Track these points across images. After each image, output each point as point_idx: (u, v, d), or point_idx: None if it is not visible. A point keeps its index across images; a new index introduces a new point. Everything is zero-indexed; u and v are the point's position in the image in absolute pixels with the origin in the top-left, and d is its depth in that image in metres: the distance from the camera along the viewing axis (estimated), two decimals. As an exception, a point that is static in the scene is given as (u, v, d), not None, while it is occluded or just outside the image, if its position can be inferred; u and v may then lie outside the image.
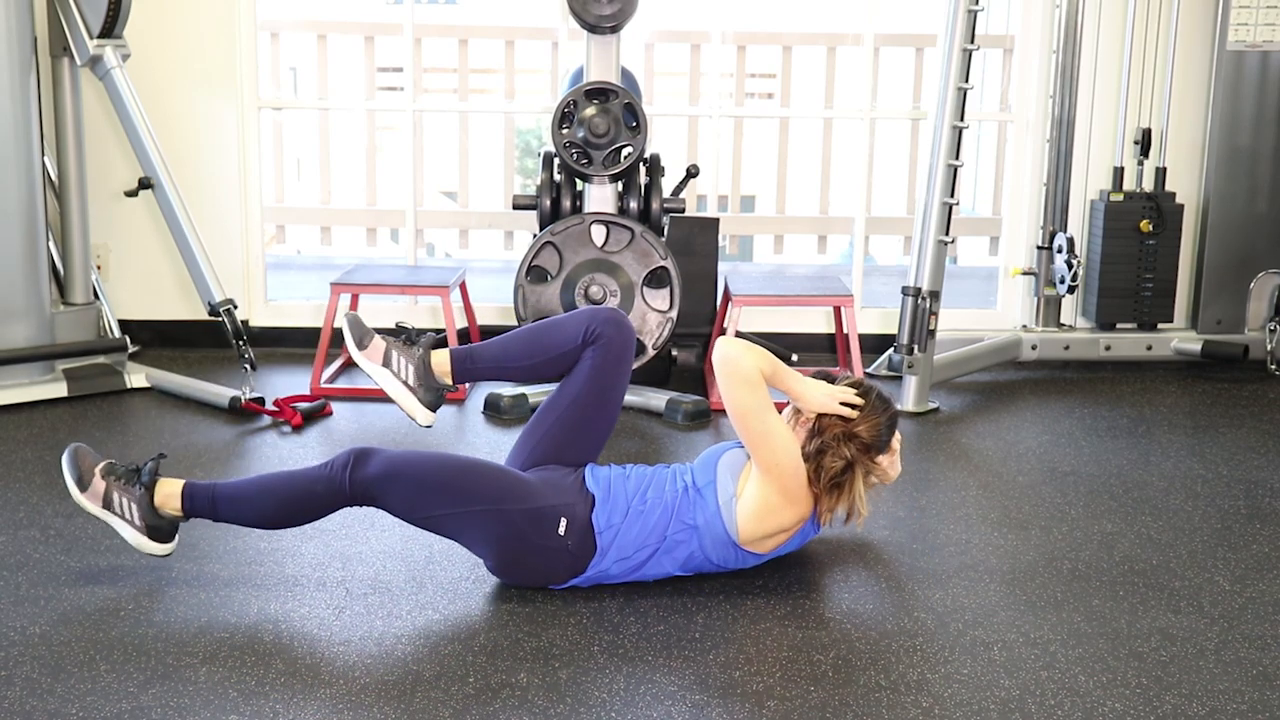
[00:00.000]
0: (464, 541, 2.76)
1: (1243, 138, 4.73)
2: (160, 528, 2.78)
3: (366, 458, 2.69)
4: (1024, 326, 4.87)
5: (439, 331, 3.14)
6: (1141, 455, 3.84)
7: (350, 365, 4.60)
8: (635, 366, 4.17)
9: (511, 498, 2.70)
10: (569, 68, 4.74)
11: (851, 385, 2.82)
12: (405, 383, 2.91)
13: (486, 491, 2.70)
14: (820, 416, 2.78)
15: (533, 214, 4.40)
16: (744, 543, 2.75)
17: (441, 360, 2.93)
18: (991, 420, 4.20)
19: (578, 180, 4.27)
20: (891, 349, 4.29)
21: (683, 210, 4.28)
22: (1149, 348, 4.77)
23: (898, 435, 2.87)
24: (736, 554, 2.77)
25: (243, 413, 4.02)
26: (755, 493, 2.73)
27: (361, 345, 2.94)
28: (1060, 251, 4.66)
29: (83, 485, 2.77)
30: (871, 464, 2.80)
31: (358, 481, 2.68)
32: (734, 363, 2.70)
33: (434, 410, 2.92)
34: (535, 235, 4.24)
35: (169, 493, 2.77)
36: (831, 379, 2.86)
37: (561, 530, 2.70)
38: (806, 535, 2.86)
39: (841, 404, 2.77)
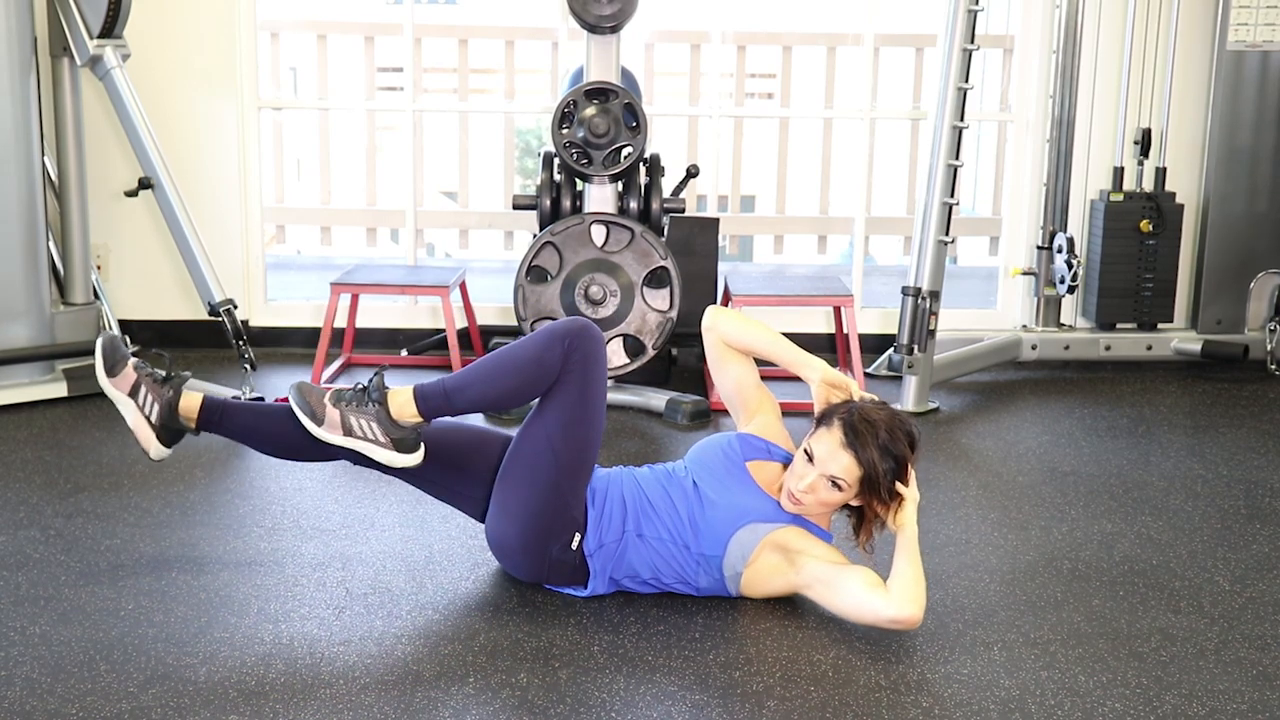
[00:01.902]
0: (512, 484, 2.71)
1: (1243, 138, 4.73)
2: (405, 439, 2.71)
3: (599, 336, 2.68)
4: (1024, 326, 4.87)
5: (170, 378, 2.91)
6: (1141, 455, 3.84)
7: (351, 365, 4.61)
8: (635, 367, 4.18)
9: (575, 496, 2.69)
10: (569, 68, 4.74)
11: (910, 449, 2.65)
12: (148, 419, 2.80)
13: (580, 479, 2.68)
14: (863, 506, 2.68)
15: (533, 214, 4.40)
16: (746, 597, 2.75)
17: (190, 405, 2.80)
18: (991, 420, 4.20)
19: (578, 180, 4.27)
20: (891, 349, 4.29)
21: (683, 210, 4.28)
22: (1149, 348, 4.77)
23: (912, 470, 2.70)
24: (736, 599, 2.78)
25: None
26: (777, 585, 2.69)
27: (111, 372, 2.84)
28: (1060, 251, 4.66)
29: (318, 420, 2.69)
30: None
31: (581, 349, 2.65)
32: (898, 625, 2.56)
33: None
34: (535, 235, 4.24)
35: (402, 401, 2.70)
36: (897, 459, 2.64)
37: (574, 545, 2.70)
38: None
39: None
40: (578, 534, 2.69)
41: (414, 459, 2.73)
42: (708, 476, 2.76)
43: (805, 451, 2.67)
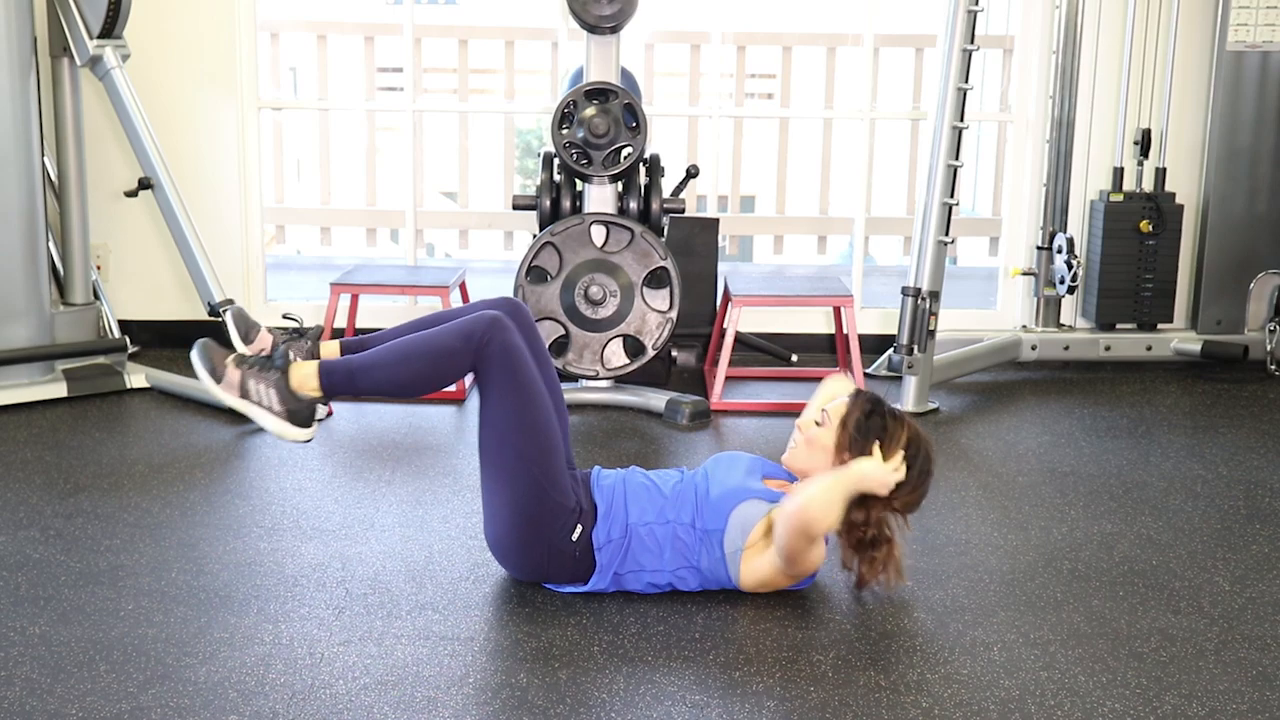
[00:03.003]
0: (493, 489, 2.71)
1: (1243, 138, 4.73)
2: (299, 411, 2.70)
3: (511, 325, 2.65)
4: (1024, 327, 4.87)
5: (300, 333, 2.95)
6: (1141, 455, 3.84)
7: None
8: (635, 367, 4.18)
9: (557, 484, 2.68)
10: (569, 68, 4.74)
11: (903, 449, 2.70)
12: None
13: (550, 461, 2.67)
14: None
15: (533, 214, 4.40)
16: (744, 588, 2.75)
17: (307, 375, 2.74)
18: (991, 420, 4.20)
19: (578, 180, 4.27)
20: (891, 349, 4.29)
21: (683, 210, 4.28)
22: (1149, 348, 4.77)
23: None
24: (736, 588, 2.77)
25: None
26: (765, 570, 2.69)
27: (216, 378, 2.76)
28: (1060, 252, 4.66)
29: (217, 377, 2.69)
30: (905, 524, 2.77)
31: (498, 342, 2.62)
32: (812, 525, 2.56)
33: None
34: (535, 235, 4.24)
35: (306, 373, 2.70)
36: (882, 424, 2.71)
37: (574, 537, 2.69)
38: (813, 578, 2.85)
39: (894, 473, 2.69)
40: (579, 525, 2.69)
41: (304, 434, 2.72)
42: (721, 471, 2.80)
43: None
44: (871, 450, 2.69)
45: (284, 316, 2.98)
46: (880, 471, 2.67)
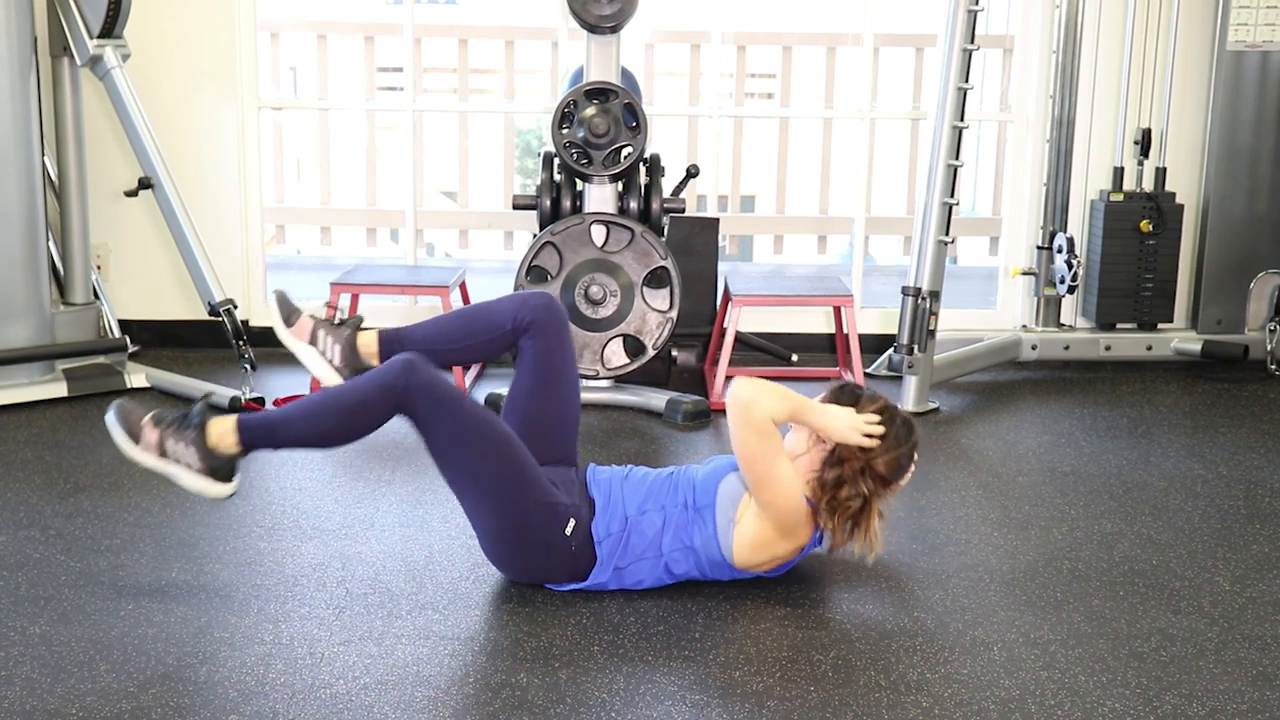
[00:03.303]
0: (471, 507, 2.72)
1: (1243, 138, 4.73)
2: (219, 467, 2.70)
3: (425, 364, 2.66)
4: (1024, 326, 4.87)
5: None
6: (1141, 455, 3.84)
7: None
8: (635, 367, 4.18)
9: (532, 482, 2.67)
10: (569, 68, 4.74)
11: (877, 410, 2.72)
12: (330, 362, 2.86)
13: (515, 465, 2.66)
14: (840, 445, 2.69)
15: (533, 214, 4.40)
16: (739, 566, 2.74)
17: (368, 341, 2.87)
18: (991, 420, 4.20)
19: (578, 180, 4.27)
20: (891, 349, 4.29)
21: (683, 210, 4.27)
22: (1149, 348, 4.76)
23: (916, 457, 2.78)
24: (732, 573, 2.77)
25: (243, 413, 4.01)
26: (752, 525, 2.69)
27: (289, 323, 2.88)
28: (1060, 251, 4.66)
29: (135, 438, 2.69)
30: (887, 493, 2.75)
31: (415, 385, 2.61)
32: (747, 408, 2.61)
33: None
34: (535, 235, 4.24)
35: (223, 430, 2.70)
36: (857, 396, 2.75)
37: (568, 531, 2.70)
38: (805, 552, 2.85)
39: (865, 435, 2.68)
40: (572, 519, 2.70)
41: (225, 489, 2.74)
42: (713, 462, 2.85)
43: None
44: (852, 409, 2.72)
45: (326, 305, 2.98)
46: (847, 415, 2.68)
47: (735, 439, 2.63)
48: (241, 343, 4.11)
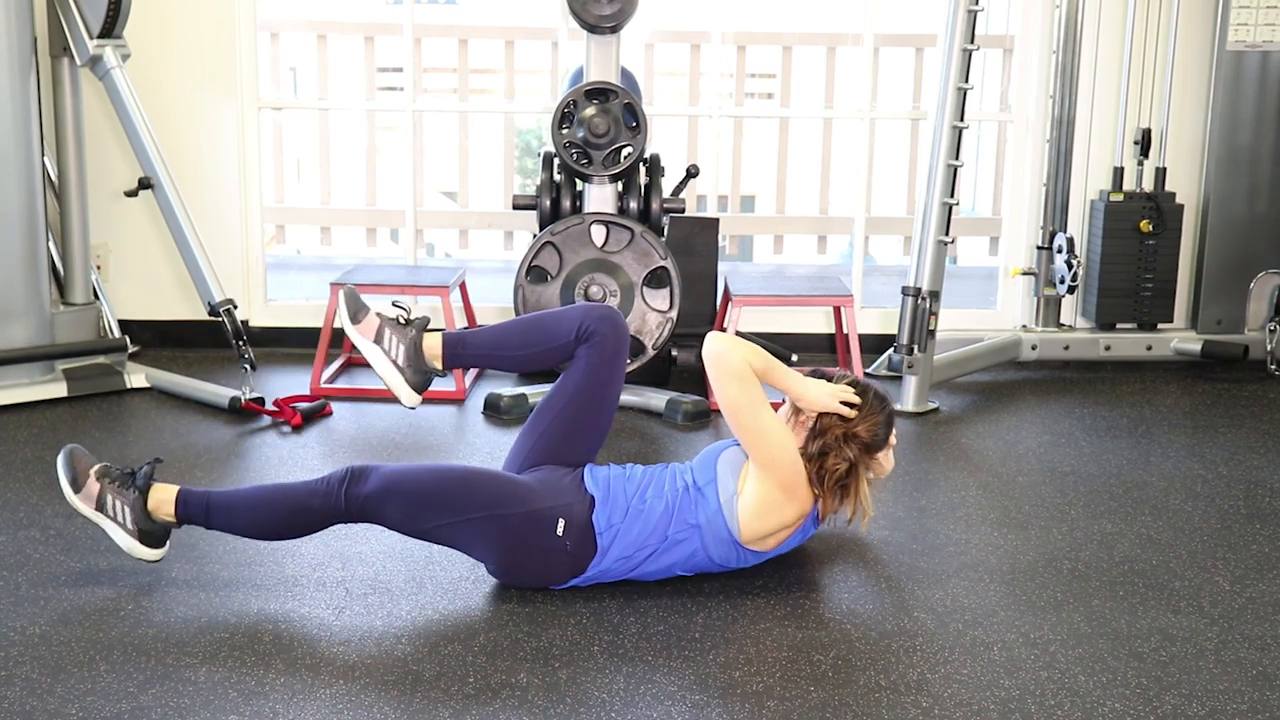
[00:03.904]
0: (463, 548, 2.76)
1: (1243, 138, 4.73)
2: (152, 532, 2.77)
3: (363, 475, 2.70)
4: (1024, 326, 4.87)
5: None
6: (1141, 455, 3.84)
7: (351, 365, 4.61)
8: (635, 367, 4.18)
9: (509, 502, 2.70)
10: (569, 68, 4.74)
11: (849, 384, 2.82)
12: (394, 362, 2.89)
13: (482, 499, 2.69)
14: (820, 416, 2.78)
15: (533, 214, 4.40)
16: (746, 541, 2.75)
17: (433, 344, 2.90)
18: (991, 420, 4.20)
19: (578, 180, 4.27)
20: (891, 349, 4.29)
21: (683, 210, 4.28)
22: (1149, 348, 4.77)
23: (895, 430, 2.88)
24: (738, 553, 2.77)
25: (243, 413, 4.02)
26: (755, 490, 2.72)
27: (356, 320, 2.91)
28: (1060, 251, 4.66)
29: (76, 486, 2.76)
30: (871, 461, 2.82)
31: (354, 498, 2.69)
32: (723, 358, 2.69)
33: (420, 393, 2.90)
34: (535, 235, 4.24)
35: (163, 498, 2.77)
36: (827, 378, 2.85)
37: (559, 531, 2.70)
38: (807, 532, 2.86)
39: (841, 403, 2.77)
40: (560, 519, 2.70)
41: (153, 554, 2.79)
42: (699, 458, 2.89)
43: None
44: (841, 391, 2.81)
45: (394, 304, 3.00)
46: (824, 385, 2.78)
47: (717, 391, 2.71)
48: (241, 343, 4.11)
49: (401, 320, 2.94)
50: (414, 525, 2.72)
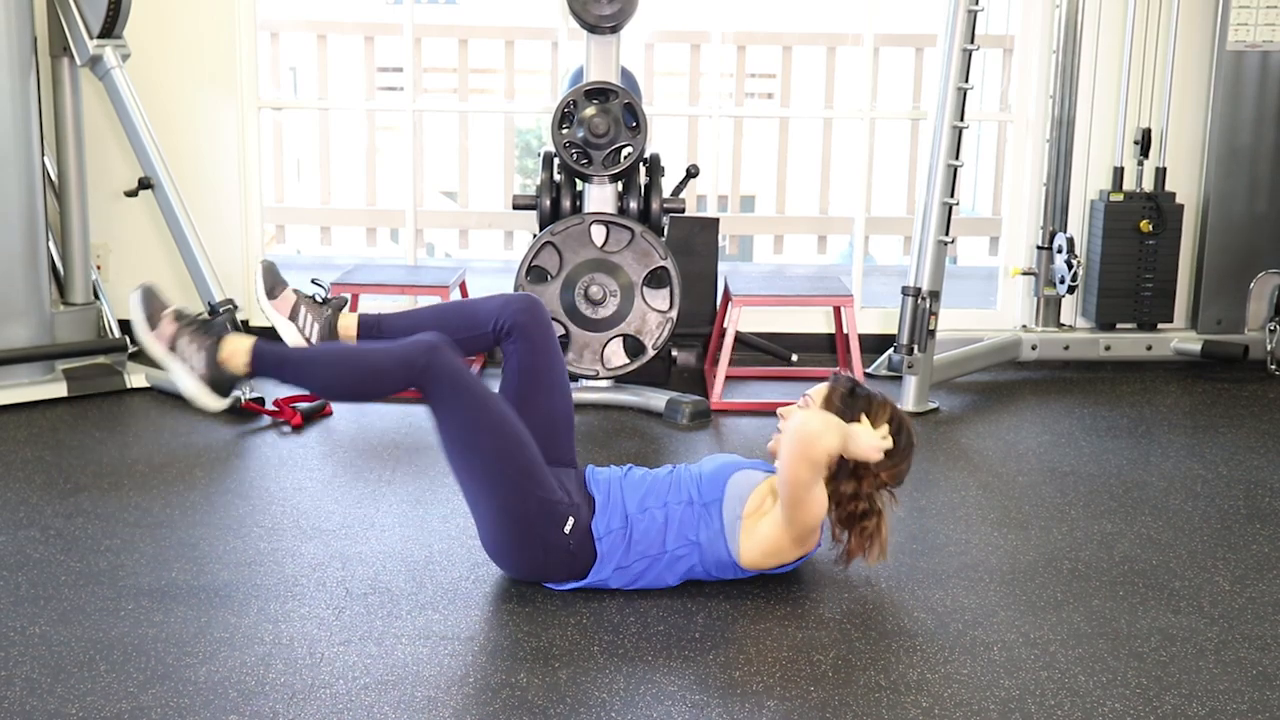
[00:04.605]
0: (474, 499, 2.72)
1: (1243, 138, 4.73)
2: (220, 381, 2.72)
3: (449, 348, 2.67)
4: (1024, 326, 4.87)
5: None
6: (1141, 455, 3.84)
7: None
8: (635, 367, 4.18)
9: (537, 479, 2.67)
10: (569, 68, 4.74)
11: (887, 421, 2.73)
12: (308, 340, 2.87)
13: (521, 462, 2.66)
14: (858, 464, 2.69)
15: (533, 214, 4.40)
16: (745, 566, 2.74)
17: (349, 324, 2.89)
18: (991, 420, 4.20)
19: (578, 180, 4.27)
20: (891, 349, 4.29)
21: (683, 210, 4.28)
22: (1149, 348, 4.77)
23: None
24: (735, 572, 2.77)
25: (243, 413, 4.02)
26: (768, 532, 2.69)
27: (271, 294, 2.89)
28: (1060, 251, 4.66)
29: (152, 323, 2.72)
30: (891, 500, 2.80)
31: (436, 367, 2.63)
32: (811, 444, 2.56)
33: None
34: (535, 235, 4.24)
35: (236, 348, 2.72)
36: (859, 395, 2.75)
37: (567, 529, 2.69)
38: (808, 556, 2.85)
39: (883, 440, 2.72)
40: (570, 517, 2.69)
41: (218, 403, 2.76)
42: (716, 458, 2.86)
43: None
44: (860, 419, 2.71)
45: (312, 281, 2.98)
46: (871, 436, 2.69)
47: (789, 467, 2.59)
48: (241, 343, 4.10)
49: (319, 299, 2.91)
50: (458, 435, 2.65)
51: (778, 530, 2.69)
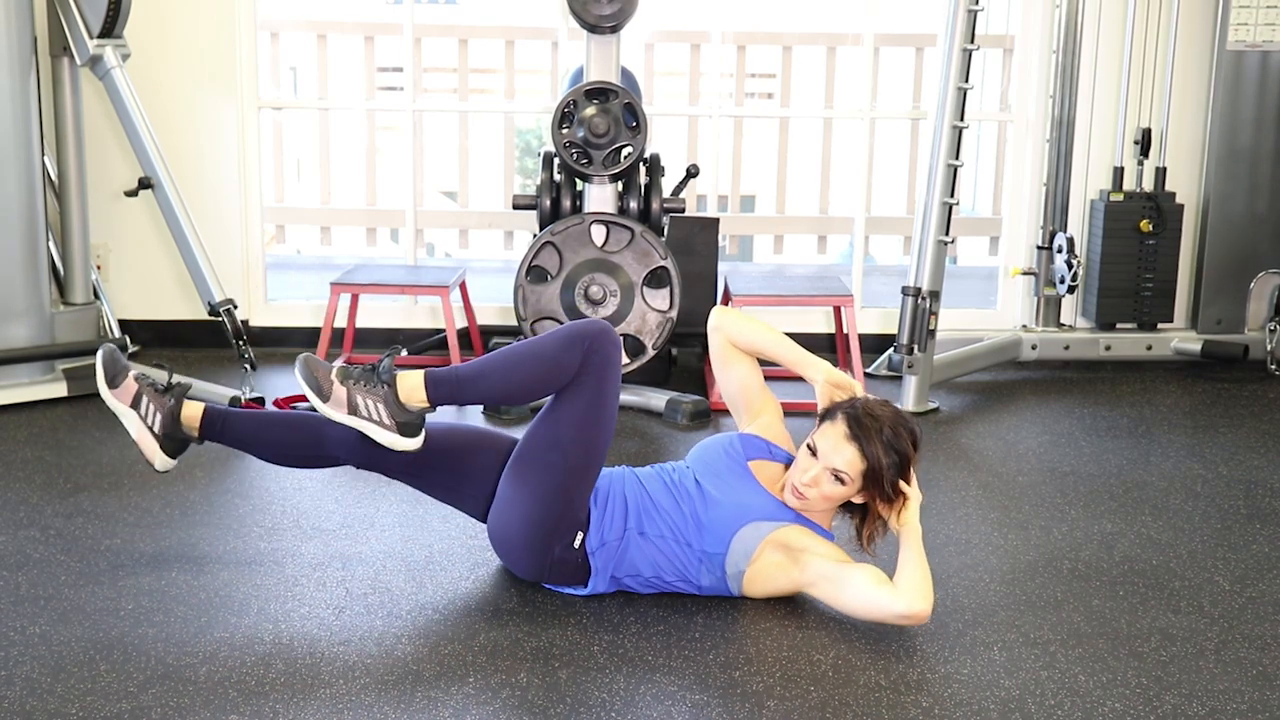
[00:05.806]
0: (516, 490, 2.69)
1: (1243, 138, 4.73)
2: (410, 423, 2.68)
3: (618, 340, 2.68)
4: (1024, 326, 4.87)
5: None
6: (1141, 455, 3.84)
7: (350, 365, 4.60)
8: (635, 367, 4.18)
9: (586, 488, 2.68)
10: (569, 68, 4.74)
11: (915, 448, 2.67)
12: (151, 429, 2.79)
13: (598, 465, 2.68)
14: (865, 489, 2.64)
15: (533, 214, 4.40)
16: (748, 596, 2.74)
17: (193, 414, 2.81)
18: (991, 420, 4.20)
19: (578, 180, 4.27)
20: (891, 349, 4.29)
21: (683, 210, 4.28)
22: (1149, 348, 4.77)
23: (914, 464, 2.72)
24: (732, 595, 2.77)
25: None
26: (781, 584, 2.68)
27: (113, 384, 2.82)
28: (1060, 251, 4.66)
29: (324, 395, 2.67)
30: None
31: (610, 343, 2.64)
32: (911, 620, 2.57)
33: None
34: (535, 235, 4.24)
35: (413, 385, 2.68)
36: (903, 461, 2.65)
37: (576, 544, 2.69)
38: None
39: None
40: (580, 532, 2.69)
41: (415, 443, 2.71)
42: (710, 475, 2.76)
43: (809, 446, 2.67)
44: (908, 482, 2.65)
45: (156, 365, 2.91)
46: (918, 495, 2.66)
47: (856, 614, 2.62)
48: (241, 343, 4.11)
49: (161, 387, 2.83)
50: (575, 419, 2.65)
51: (793, 585, 2.68)
